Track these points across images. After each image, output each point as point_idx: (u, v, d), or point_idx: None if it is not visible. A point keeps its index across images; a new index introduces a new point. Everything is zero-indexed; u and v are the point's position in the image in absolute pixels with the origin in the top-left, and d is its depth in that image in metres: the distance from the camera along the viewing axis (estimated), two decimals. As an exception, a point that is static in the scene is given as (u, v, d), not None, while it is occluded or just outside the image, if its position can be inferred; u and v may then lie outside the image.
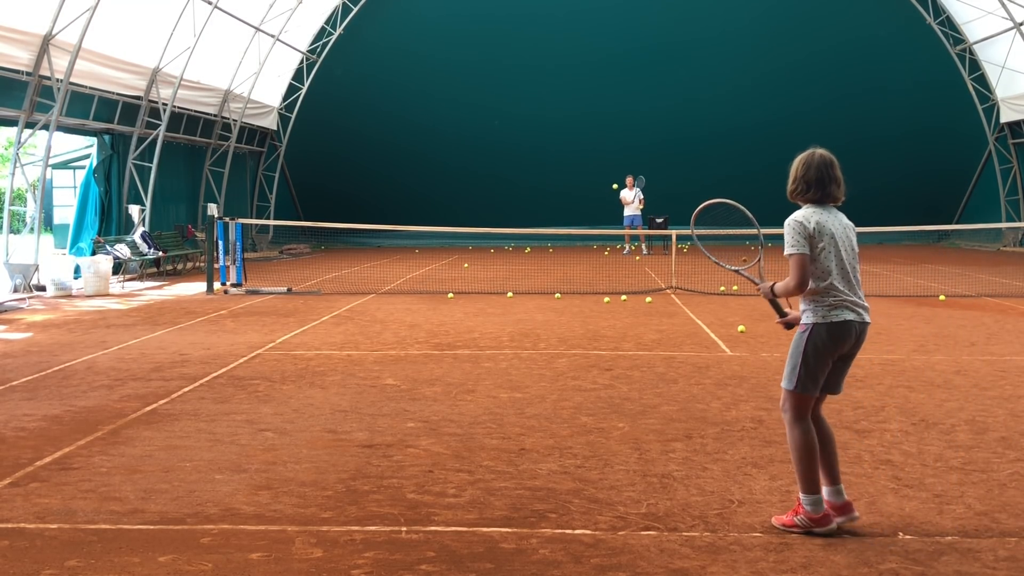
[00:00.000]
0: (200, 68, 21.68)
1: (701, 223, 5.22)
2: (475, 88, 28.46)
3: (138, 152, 20.12)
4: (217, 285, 15.90)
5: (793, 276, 4.41)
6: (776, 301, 4.67)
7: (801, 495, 4.44)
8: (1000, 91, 26.24)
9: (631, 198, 24.70)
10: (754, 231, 5.19)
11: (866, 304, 4.54)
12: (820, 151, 4.56)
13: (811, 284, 4.41)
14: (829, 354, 4.44)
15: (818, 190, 4.48)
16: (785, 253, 4.43)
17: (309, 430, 6.38)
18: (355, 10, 27.87)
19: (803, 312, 4.50)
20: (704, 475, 5.31)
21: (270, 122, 27.80)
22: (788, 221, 4.45)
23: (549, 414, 6.82)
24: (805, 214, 4.46)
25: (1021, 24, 22.97)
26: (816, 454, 4.44)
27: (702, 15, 27.65)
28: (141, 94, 19.78)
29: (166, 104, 20.48)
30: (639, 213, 24.86)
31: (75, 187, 27.59)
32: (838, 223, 4.51)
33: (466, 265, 21.51)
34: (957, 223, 27.84)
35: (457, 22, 27.99)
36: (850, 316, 4.42)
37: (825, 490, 4.48)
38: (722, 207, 5.20)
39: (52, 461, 5.66)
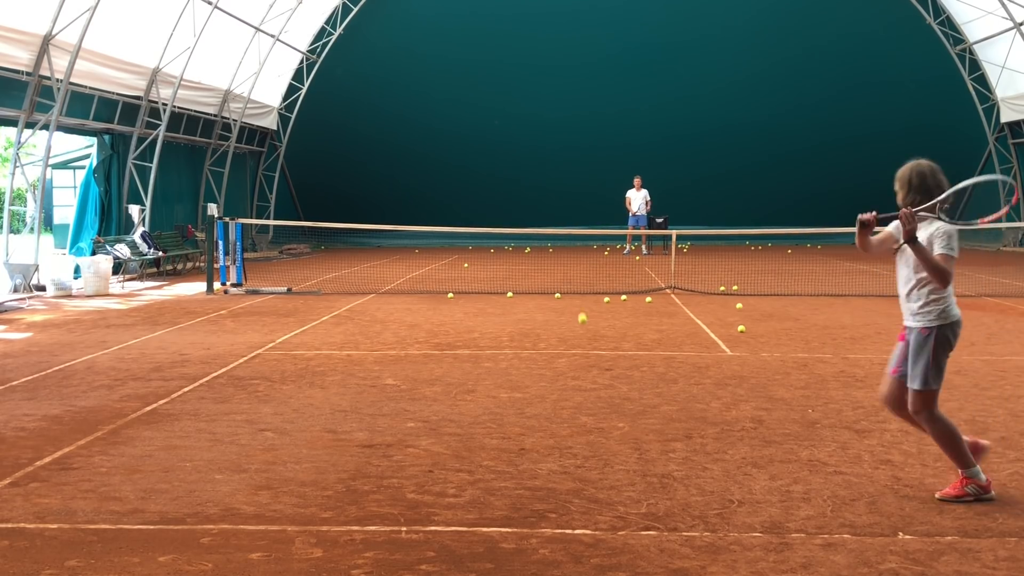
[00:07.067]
0: (200, 68, 21.67)
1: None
2: (475, 88, 28.46)
3: (138, 152, 20.12)
4: (217, 285, 15.89)
5: (950, 273, 4.76)
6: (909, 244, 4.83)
7: (962, 472, 4.81)
8: (1000, 91, 26.23)
9: (637, 199, 24.67)
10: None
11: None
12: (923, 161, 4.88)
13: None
14: (951, 349, 4.84)
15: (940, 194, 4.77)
16: (952, 254, 4.74)
17: (309, 430, 6.38)
18: (355, 10, 27.87)
19: (926, 315, 4.81)
20: (704, 475, 5.31)
21: (270, 122, 27.79)
22: (950, 230, 4.76)
23: (549, 414, 6.82)
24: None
25: (1021, 24, 22.97)
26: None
27: (700, 13, 27.66)
28: (141, 94, 19.77)
29: (166, 104, 20.47)
30: (644, 214, 24.86)
31: (75, 187, 27.59)
32: None
33: (466, 265, 21.51)
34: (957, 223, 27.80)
35: (457, 22, 27.99)
36: (959, 313, 4.83)
37: None
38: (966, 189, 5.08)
39: (52, 461, 5.66)
